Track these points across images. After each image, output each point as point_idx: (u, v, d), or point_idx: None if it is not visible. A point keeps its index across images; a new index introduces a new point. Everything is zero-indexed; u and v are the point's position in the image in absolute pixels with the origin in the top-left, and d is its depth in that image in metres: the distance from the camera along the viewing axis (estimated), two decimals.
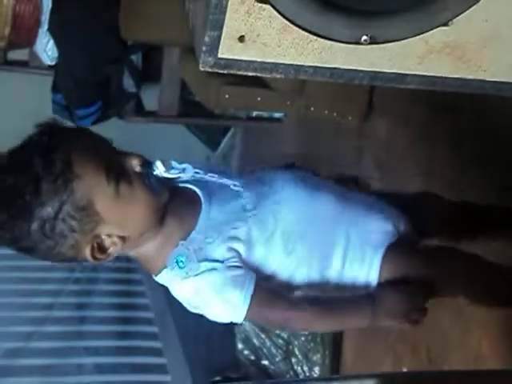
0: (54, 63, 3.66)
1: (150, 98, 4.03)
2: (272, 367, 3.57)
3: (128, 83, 3.76)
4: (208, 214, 1.58)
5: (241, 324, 3.44)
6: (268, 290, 1.58)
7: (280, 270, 1.60)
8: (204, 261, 1.53)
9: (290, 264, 1.60)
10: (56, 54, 3.60)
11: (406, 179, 2.93)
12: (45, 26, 3.53)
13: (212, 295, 1.54)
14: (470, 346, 2.50)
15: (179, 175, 1.58)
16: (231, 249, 1.55)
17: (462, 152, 2.60)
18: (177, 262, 1.53)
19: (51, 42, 3.57)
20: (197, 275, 1.53)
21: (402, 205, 1.81)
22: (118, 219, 1.49)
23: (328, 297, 1.65)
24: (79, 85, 3.58)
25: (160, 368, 3.87)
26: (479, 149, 2.52)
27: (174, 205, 1.57)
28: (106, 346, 3.97)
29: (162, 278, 1.57)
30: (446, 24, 1.18)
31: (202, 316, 1.61)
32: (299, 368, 3.45)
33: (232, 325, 3.76)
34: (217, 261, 1.53)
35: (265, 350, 3.58)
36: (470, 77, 1.28)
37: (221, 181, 1.61)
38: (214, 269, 1.53)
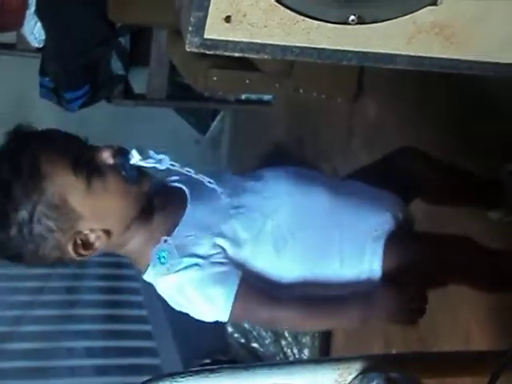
0: (41, 46, 3.65)
1: (139, 81, 4.01)
2: (262, 350, 3.58)
3: (116, 66, 3.74)
4: (193, 212, 1.57)
5: (226, 323, 3.42)
6: (254, 287, 1.55)
7: (270, 268, 1.57)
8: (186, 256, 1.52)
9: (281, 261, 1.58)
10: (43, 37, 3.58)
11: None
12: (32, 8, 3.51)
13: (194, 292, 1.53)
14: (459, 328, 2.50)
15: (155, 165, 1.55)
16: (216, 245, 1.53)
17: (452, 131, 2.60)
18: (159, 258, 1.52)
19: (39, 24, 3.55)
20: (178, 271, 1.51)
21: (382, 174, 1.79)
22: (95, 213, 1.48)
23: (318, 296, 1.61)
24: (67, 68, 3.57)
25: (150, 351, 3.86)
26: (470, 128, 2.52)
27: (161, 203, 1.57)
28: (95, 330, 3.97)
29: (147, 276, 1.57)
30: (434, 3, 1.17)
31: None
32: (289, 350, 3.45)
33: (219, 324, 3.73)
34: (199, 256, 1.52)
35: (254, 333, 3.58)
36: (458, 57, 1.27)
37: (196, 176, 1.60)
38: (196, 264, 1.51)
